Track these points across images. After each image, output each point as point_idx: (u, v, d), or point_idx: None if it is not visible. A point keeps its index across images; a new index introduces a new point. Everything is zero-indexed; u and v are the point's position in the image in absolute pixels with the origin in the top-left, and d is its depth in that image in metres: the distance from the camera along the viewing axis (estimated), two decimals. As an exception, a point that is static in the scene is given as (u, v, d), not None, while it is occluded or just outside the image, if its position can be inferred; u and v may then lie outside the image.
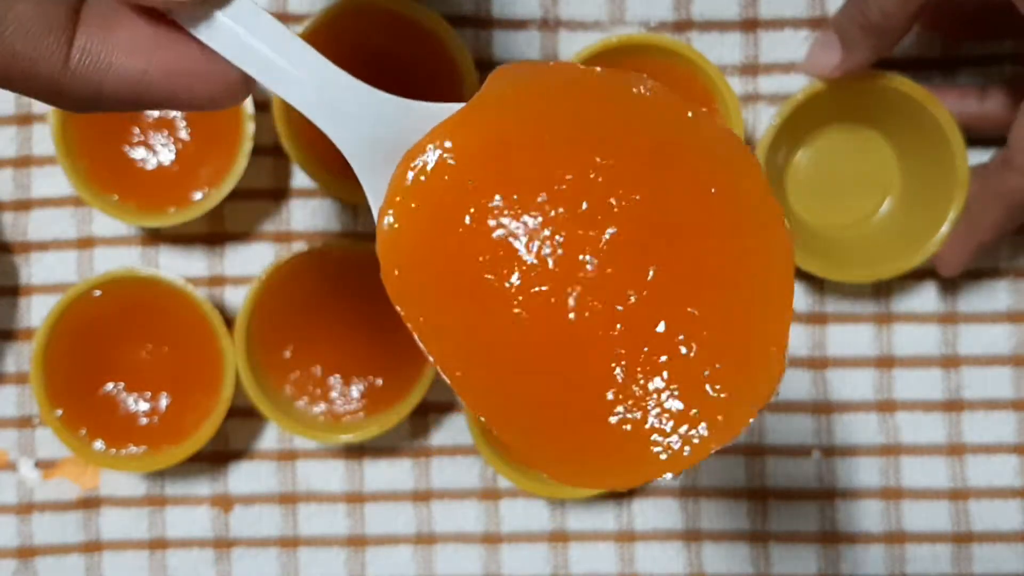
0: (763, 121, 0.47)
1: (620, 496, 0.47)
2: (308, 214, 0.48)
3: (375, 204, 0.26)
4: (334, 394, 0.47)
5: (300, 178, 0.48)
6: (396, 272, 0.25)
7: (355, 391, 0.47)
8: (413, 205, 0.26)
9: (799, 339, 0.47)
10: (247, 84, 0.27)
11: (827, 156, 0.47)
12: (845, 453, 0.47)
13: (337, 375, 0.47)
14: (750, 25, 0.47)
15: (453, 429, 0.48)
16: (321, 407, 0.46)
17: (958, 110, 0.44)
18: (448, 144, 0.26)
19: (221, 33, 0.26)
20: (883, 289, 0.47)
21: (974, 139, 0.45)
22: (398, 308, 0.25)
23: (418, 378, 0.45)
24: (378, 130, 0.27)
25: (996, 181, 0.43)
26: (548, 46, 0.47)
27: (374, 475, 0.48)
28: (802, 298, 0.48)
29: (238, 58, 0.26)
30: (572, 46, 0.47)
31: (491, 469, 0.47)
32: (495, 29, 0.47)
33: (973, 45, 0.47)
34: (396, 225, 0.25)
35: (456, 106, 0.26)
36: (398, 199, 0.26)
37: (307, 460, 0.48)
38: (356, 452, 0.48)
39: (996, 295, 0.47)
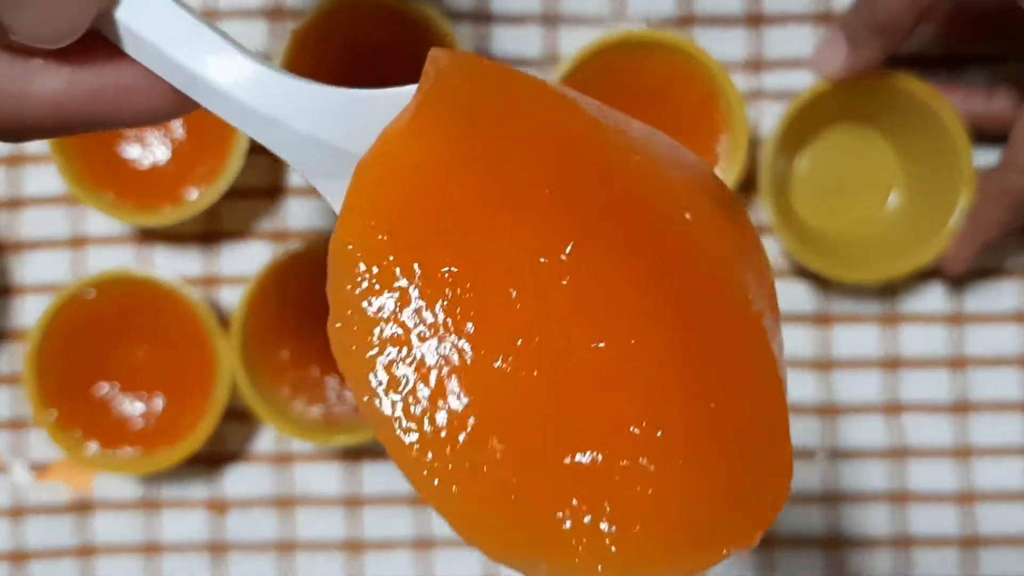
0: (768, 118, 0.46)
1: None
2: (305, 213, 0.47)
3: (338, 212, 0.24)
4: (331, 395, 0.46)
5: (296, 176, 0.47)
6: (339, 325, 0.23)
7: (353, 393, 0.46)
8: (362, 251, 0.23)
9: (804, 340, 0.47)
10: (182, 95, 0.24)
11: (831, 156, 0.47)
12: (850, 455, 0.47)
13: (335, 376, 0.46)
14: (754, 20, 0.47)
15: (452, 431, 0.47)
16: (318, 409, 0.46)
17: (964, 109, 0.44)
18: (397, 164, 0.23)
19: (133, 39, 0.23)
20: (889, 289, 0.47)
21: (980, 138, 0.45)
22: (340, 367, 0.23)
23: (417, 379, 0.44)
24: (324, 131, 0.24)
25: (999, 180, 0.43)
26: (548, 42, 0.47)
27: (372, 478, 0.47)
28: (807, 299, 0.47)
29: (156, 66, 0.23)
30: (572, 42, 0.46)
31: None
32: (494, 25, 0.47)
33: (979, 44, 0.47)
34: (352, 250, 0.23)
35: (403, 92, 0.24)
36: (348, 240, 0.23)
37: (304, 463, 0.47)
38: (354, 454, 0.47)
39: (1003, 296, 0.47)
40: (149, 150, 0.47)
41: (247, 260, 0.47)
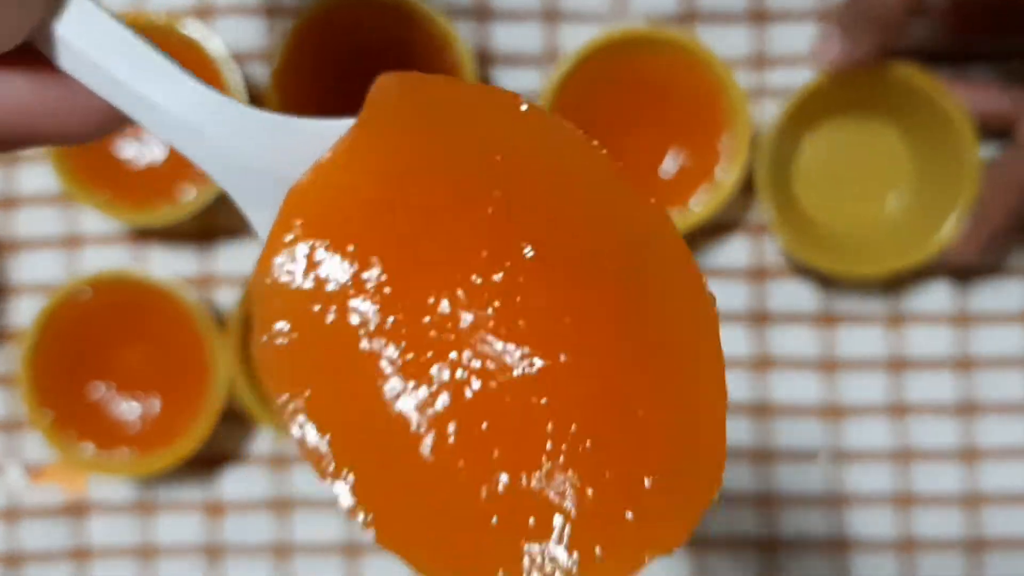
0: (771, 115, 0.46)
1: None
2: (303, 212, 0.47)
3: (264, 239, 0.23)
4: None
5: (295, 175, 0.47)
6: (265, 339, 0.22)
7: (351, 393, 0.46)
8: (290, 267, 0.22)
9: (808, 341, 0.46)
10: (114, 112, 0.23)
11: (834, 149, 0.46)
12: (855, 457, 0.46)
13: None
14: (757, 17, 0.46)
15: (452, 433, 0.47)
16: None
17: (974, 105, 0.44)
18: (331, 189, 0.22)
19: (73, 56, 0.23)
20: (894, 290, 0.47)
21: (991, 134, 0.45)
22: (266, 384, 0.22)
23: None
24: (258, 157, 0.23)
25: (1006, 169, 0.43)
26: (548, 39, 0.47)
27: (371, 480, 0.47)
28: (811, 298, 0.47)
29: (93, 81, 0.23)
30: (573, 39, 0.46)
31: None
32: (495, 21, 0.46)
33: (984, 39, 0.46)
34: (278, 282, 0.22)
35: (344, 123, 0.23)
36: (277, 259, 0.22)
37: (301, 465, 0.47)
38: (352, 456, 0.47)
39: (1009, 296, 0.47)
40: (145, 148, 0.46)
41: (244, 259, 0.47)
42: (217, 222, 0.47)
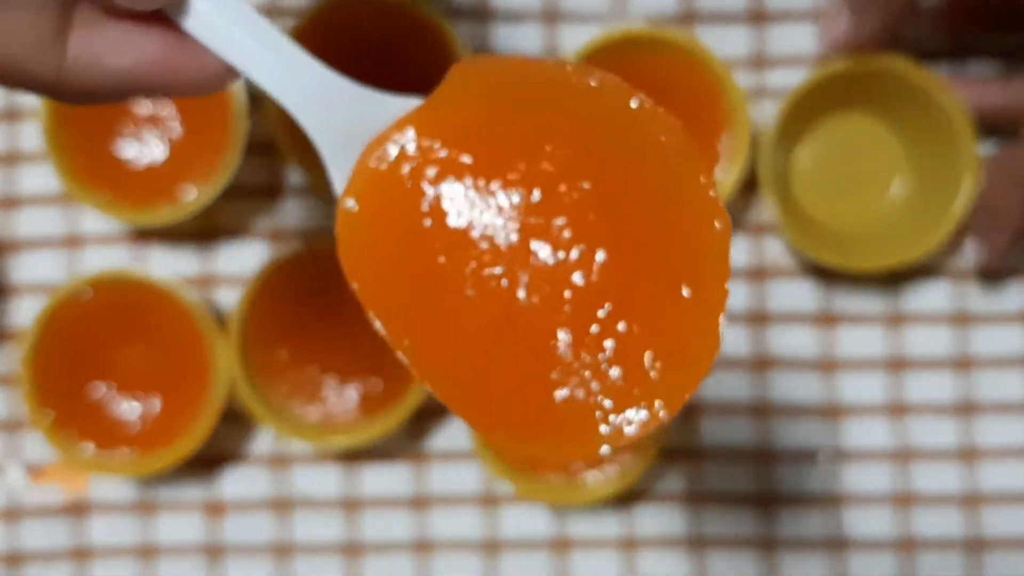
0: (770, 116, 0.46)
1: (622, 501, 0.46)
2: (302, 212, 0.47)
3: (339, 188, 0.28)
4: (330, 396, 0.46)
5: (294, 175, 0.47)
6: (352, 250, 0.27)
7: (352, 393, 0.46)
8: (374, 190, 0.27)
9: (808, 340, 0.46)
10: (230, 71, 0.28)
11: (832, 146, 0.47)
12: (854, 457, 0.46)
13: (333, 376, 0.46)
14: (756, 17, 0.46)
15: (452, 433, 0.47)
16: (316, 409, 0.46)
17: (969, 100, 0.44)
18: (411, 133, 0.27)
19: (200, 21, 0.27)
20: (893, 289, 0.47)
21: (984, 130, 0.45)
22: (352, 284, 0.27)
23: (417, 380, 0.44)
24: (346, 117, 0.28)
25: (1007, 165, 0.43)
26: (548, 39, 0.47)
27: (371, 480, 0.47)
28: (811, 298, 0.47)
29: (216, 44, 0.27)
30: (573, 39, 0.46)
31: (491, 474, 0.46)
32: (494, 22, 0.47)
33: (983, 36, 0.47)
34: (356, 208, 0.27)
35: (421, 99, 0.28)
36: (360, 184, 0.27)
37: (302, 464, 0.47)
38: (352, 456, 0.47)
39: (1009, 296, 0.47)
40: (146, 149, 0.46)
41: (244, 260, 0.47)
42: (217, 222, 0.47)
